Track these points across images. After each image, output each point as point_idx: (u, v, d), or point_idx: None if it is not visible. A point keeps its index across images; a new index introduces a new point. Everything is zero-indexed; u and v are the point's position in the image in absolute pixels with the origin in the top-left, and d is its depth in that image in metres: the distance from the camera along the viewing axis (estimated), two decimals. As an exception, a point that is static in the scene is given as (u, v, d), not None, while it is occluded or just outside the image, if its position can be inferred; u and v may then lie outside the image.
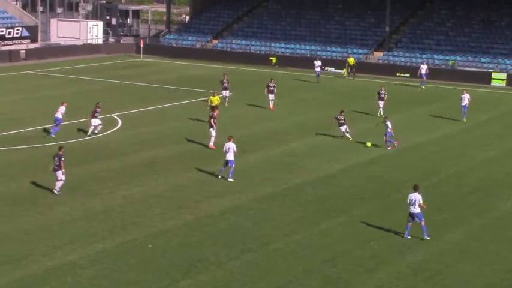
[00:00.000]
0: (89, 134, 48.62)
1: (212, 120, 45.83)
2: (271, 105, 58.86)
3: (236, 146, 39.53)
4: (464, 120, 56.38)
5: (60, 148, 36.89)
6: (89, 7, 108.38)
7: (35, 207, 34.86)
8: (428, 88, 72.53)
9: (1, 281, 26.80)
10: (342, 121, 48.26)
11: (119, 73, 78.85)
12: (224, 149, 39.54)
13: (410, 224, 31.36)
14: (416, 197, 30.92)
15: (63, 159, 36.11)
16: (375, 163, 43.54)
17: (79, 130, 50.02)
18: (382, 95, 57.29)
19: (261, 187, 38.81)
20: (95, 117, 48.48)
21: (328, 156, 45.11)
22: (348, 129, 48.42)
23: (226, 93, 60.11)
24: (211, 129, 45.74)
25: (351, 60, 79.11)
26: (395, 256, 29.94)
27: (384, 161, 44.41)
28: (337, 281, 27.43)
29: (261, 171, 41.76)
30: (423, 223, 30.98)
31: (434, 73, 77.66)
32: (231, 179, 39.27)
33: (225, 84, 60.27)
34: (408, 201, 31.12)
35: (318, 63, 75.26)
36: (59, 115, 49.36)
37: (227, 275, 27.72)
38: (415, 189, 31.17)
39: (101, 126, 48.69)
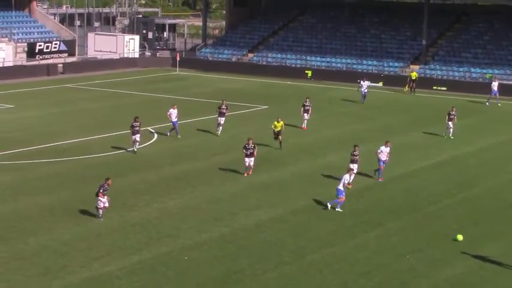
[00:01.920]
0: (135, 150, 47.73)
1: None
2: (304, 125, 57.06)
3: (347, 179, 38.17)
4: None
5: (107, 179, 35.53)
6: (126, 21, 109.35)
7: (73, 219, 35.14)
8: (463, 101, 72.00)
9: (39, 292, 27.07)
10: (356, 157, 42.03)
11: (155, 86, 79.28)
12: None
13: None
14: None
15: (101, 190, 34.91)
16: (412, 176, 43.27)
17: (115, 143, 50.32)
18: (453, 116, 54.62)
19: (297, 200, 38.77)
20: (136, 132, 47.51)
21: (364, 169, 44.92)
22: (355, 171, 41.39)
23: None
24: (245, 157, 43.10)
25: (414, 75, 77.60)
26: (431, 269, 29.74)
27: (421, 174, 44.13)
28: (373, 293, 27.34)
29: (296, 184, 41.72)
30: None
31: (472, 86, 77.18)
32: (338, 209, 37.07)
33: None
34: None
35: (365, 83, 70.43)
36: (173, 118, 52.47)
37: (262, 287, 27.71)
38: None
39: (138, 142, 48.26)
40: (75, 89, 77.36)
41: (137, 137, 47.74)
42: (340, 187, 36.89)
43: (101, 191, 34.79)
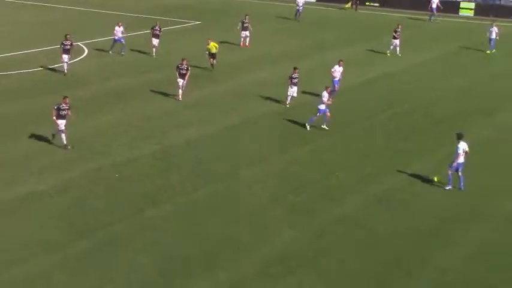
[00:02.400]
0: (65, 71, 45.48)
1: (178, 71, 41.26)
2: (246, 42, 56.51)
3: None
4: (488, 52, 57.11)
5: (64, 97, 33.32)
6: None
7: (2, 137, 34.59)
8: (381, 16, 72.08)
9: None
10: (295, 80, 40.51)
11: (87, 0, 77.60)
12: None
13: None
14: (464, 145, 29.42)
15: (55, 107, 32.89)
16: (343, 94, 43.46)
17: (45, 59, 49.39)
18: (398, 33, 54.54)
19: (228, 116, 38.72)
20: (66, 52, 45.31)
21: (299, 85, 44.94)
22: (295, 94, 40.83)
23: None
24: (178, 79, 41.28)
25: None
26: (360, 185, 30.13)
27: (351, 92, 44.30)
28: (303, 209, 27.61)
29: (228, 101, 41.62)
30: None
31: (400, 3, 77.39)
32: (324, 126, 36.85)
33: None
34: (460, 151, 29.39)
35: (301, 0, 70.10)
36: (119, 34, 51.51)
37: (193, 205, 27.81)
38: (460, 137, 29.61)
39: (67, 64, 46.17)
40: (7, 3, 75.38)
41: (66, 57, 45.43)
42: (322, 106, 36.55)
43: (56, 110, 32.57)
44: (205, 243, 24.73)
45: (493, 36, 57.16)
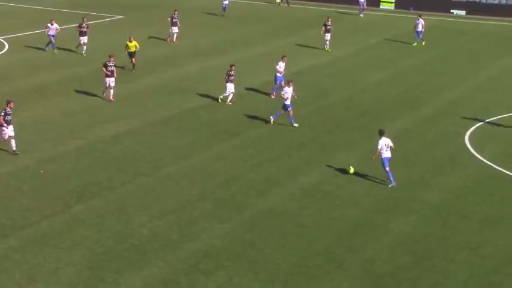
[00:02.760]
0: None
1: (105, 68, 39.61)
2: (174, 38, 55.96)
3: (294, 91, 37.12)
4: (415, 44, 58.01)
5: (8, 102, 31.69)
6: None
7: None
8: (312, 10, 72.79)
9: None
10: (232, 77, 40.18)
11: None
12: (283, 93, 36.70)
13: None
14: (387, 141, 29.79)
15: (2, 114, 31.30)
16: (268, 87, 43.71)
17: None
18: (329, 27, 54.94)
19: (154, 112, 38.59)
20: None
21: (223, 80, 45.03)
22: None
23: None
24: (106, 78, 39.73)
25: None
26: (287, 178, 30.40)
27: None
28: (231, 203, 27.72)
29: (153, 96, 41.47)
30: None
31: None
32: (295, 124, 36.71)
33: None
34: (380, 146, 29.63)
35: None
36: (53, 32, 49.95)
37: (120, 199, 27.68)
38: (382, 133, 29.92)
39: None
40: None
41: None
42: (287, 102, 36.36)
43: (3, 116, 31.01)
44: (134, 239, 24.63)
45: (420, 28, 58.13)
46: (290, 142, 34.62)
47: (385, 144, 29.66)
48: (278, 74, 41.67)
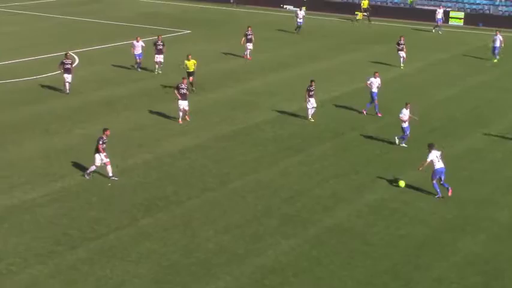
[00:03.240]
0: (67, 91, 43.22)
1: (177, 91, 38.74)
2: (248, 55, 55.35)
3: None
4: (495, 60, 56.97)
5: (104, 130, 31.29)
6: None
7: (-7, 145, 34.56)
8: (386, 27, 72.41)
9: (-41, 220, 26.67)
10: (312, 92, 39.95)
11: (77, 9, 77.64)
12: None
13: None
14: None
15: (100, 142, 30.76)
16: (335, 102, 43.58)
17: (37, 68, 49.32)
18: (402, 45, 54.03)
19: (220, 126, 38.75)
20: (68, 71, 42.89)
21: (288, 94, 45.08)
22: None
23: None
24: (179, 101, 38.76)
25: (365, 3, 76.49)
26: (353, 195, 30.20)
27: (345, 99, 44.44)
28: (296, 219, 27.64)
29: (220, 110, 41.66)
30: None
31: (392, 11, 77.72)
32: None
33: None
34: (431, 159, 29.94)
35: (301, 13, 68.12)
36: (139, 50, 49.22)
37: (187, 213, 27.82)
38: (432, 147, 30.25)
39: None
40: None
41: (69, 77, 43.18)
42: (404, 124, 35.94)
43: (101, 143, 30.65)
44: (200, 253, 24.72)
45: (497, 44, 57.18)
46: (356, 158, 34.40)
47: (436, 156, 29.93)
48: (372, 90, 41.36)
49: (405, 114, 36.19)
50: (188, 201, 29.01)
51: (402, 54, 54.38)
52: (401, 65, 54.39)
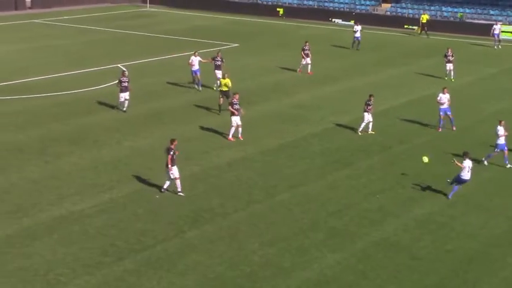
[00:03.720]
0: (124, 109, 42.54)
1: (231, 107, 38.29)
2: (308, 70, 54.88)
3: None
4: None
5: (172, 141, 31.00)
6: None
7: (43, 156, 35.00)
8: (435, 40, 71.99)
9: (9, 229, 27.03)
10: (370, 106, 39.97)
11: (124, 23, 78.48)
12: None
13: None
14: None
15: (171, 153, 30.57)
16: (383, 115, 43.41)
17: (85, 81, 49.88)
18: (450, 57, 53.74)
19: (267, 139, 38.80)
20: (125, 89, 42.06)
21: (336, 107, 45.02)
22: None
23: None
24: (233, 117, 38.30)
25: (424, 18, 76.15)
26: (400, 209, 30.01)
27: (393, 113, 44.25)
28: (343, 233, 27.54)
29: (267, 123, 41.72)
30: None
31: (442, 25, 77.21)
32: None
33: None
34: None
35: (359, 28, 67.17)
36: (196, 65, 47.65)
37: (233, 226, 27.87)
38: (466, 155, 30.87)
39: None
40: (44, 25, 76.35)
41: (126, 95, 42.37)
42: (500, 141, 35.24)
43: (171, 154, 30.32)
44: (246, 265, 24.75)
45: None
46: (404, 172, 34.17)
47: (468, 166, 30.27)
48: (441, 106, 40.96)
49: (499, 130, 35.65)
50: (234, 213, 29.08)
51: (450, 66, 53.97)
52: (450, 78, 53.91)
